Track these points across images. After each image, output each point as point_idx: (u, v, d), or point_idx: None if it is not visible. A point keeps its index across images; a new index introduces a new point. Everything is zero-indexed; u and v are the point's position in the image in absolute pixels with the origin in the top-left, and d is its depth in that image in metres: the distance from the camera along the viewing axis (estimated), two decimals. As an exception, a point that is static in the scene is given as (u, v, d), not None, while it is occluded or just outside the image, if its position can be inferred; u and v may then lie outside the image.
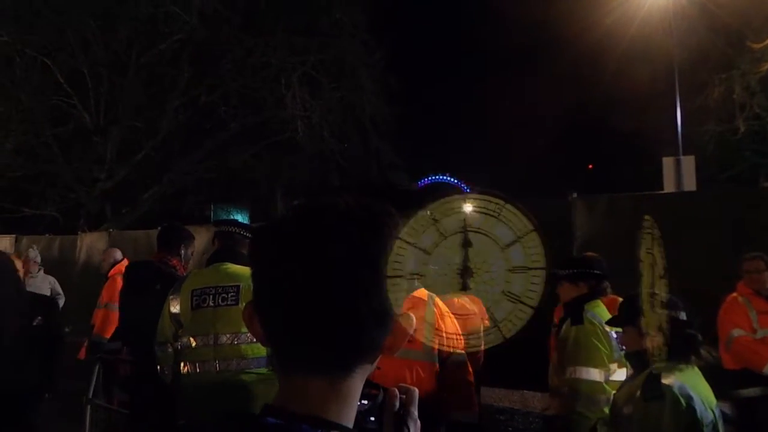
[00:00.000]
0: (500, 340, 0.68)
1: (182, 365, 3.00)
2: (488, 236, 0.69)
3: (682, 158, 10.08)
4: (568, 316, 3.16)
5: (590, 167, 25.65)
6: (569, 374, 2.98)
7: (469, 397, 2.81)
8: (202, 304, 2.98)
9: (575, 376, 2.95)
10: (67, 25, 13.92)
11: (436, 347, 2.64)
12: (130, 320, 4.02)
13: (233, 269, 3.06)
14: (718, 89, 12.86)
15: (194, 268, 3.75)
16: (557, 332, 3.25)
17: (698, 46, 12.49)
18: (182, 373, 3.00)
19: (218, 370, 2.88)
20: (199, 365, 2.93)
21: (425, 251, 0.68)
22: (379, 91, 16.09)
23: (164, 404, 3.19)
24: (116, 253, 6.18)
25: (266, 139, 16.20)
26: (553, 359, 3.26)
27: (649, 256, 2.05)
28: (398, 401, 0.78)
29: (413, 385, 0.81)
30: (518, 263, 0.68)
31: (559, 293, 3.33)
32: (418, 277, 0.67)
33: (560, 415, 3.10)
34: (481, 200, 0.68)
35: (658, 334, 2.00)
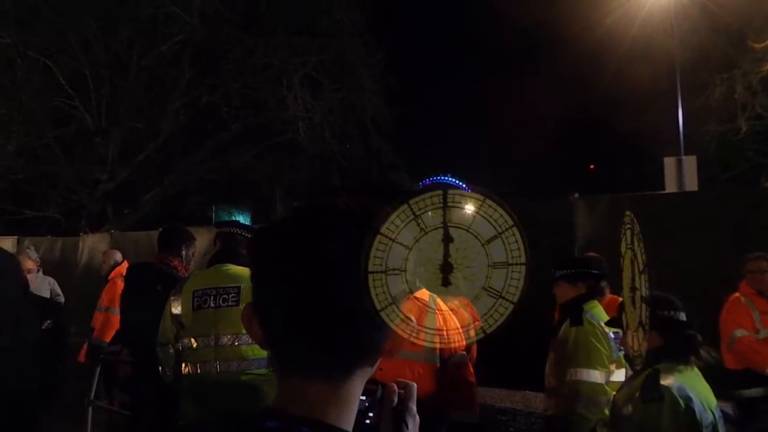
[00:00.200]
0: (481, 335, 0.67)
1: (183, 366, 3.01)
2: (469, 232, 0.68)
3: (683, 158, 10.06)
4: (566, 316, 3.15)
5: (592, 167, 25.64)
6: (570, 376, 2.97)
7: (470, 397, 2.81)
8: (203, 305, 2.99)
9: (576, 377, 2.94)
10: (68, 26, 13.94)
11: (437, 348, 2.64)
12: (131, 321, 4.02)
13: (234, 270, 3.06)
14: (719, 89, 12.84)
15: (195, 269, 3.76)
16: (555, 332, 3.23)
17: (699, 45, 12.48)
18: (183, 374, 3.00)
19: (219, 371, 2.89)
20: (200, 366, 2.93)
21: (405, 246, 0.68)
22: (379, 91, 16.09)
23: (165, 405, 3.19)
24: (116, 255, 6.15)
25: (268, 139, 16.21)
26: (550, 359, 3.24)
27: (629, 251, 2.05)
28: (396, 396, 0.78)
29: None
30: (499, 259, 0.68)
31: (555, 293, 3.30)
32: (399, 272, 0.67)
33: (558, 415, 3.09)
34: (461, 195, 0.68)
35: (639, 329, 2.00)
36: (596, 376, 2.93)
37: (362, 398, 0.75)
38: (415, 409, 0.78)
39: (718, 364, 2.42)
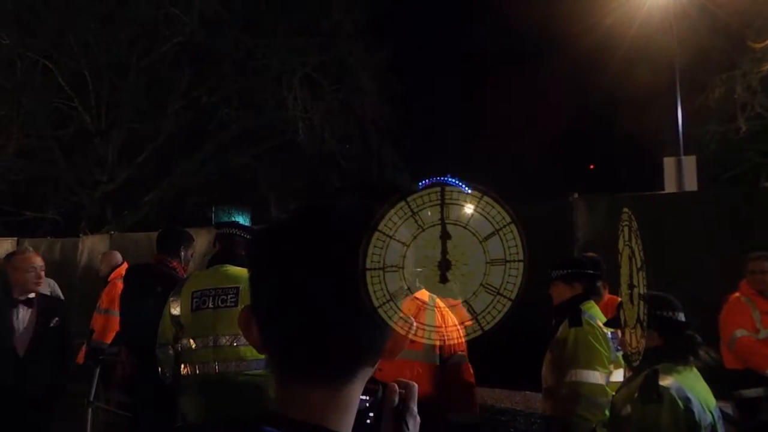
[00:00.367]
0: (479, 332, 0.67)
1: (182, 367, 3.01)
2: (467, 228, 0.68)
3: (683, 158, 10.06)
4: (563, 317, 3.14)
5: (591, 167, 25.64)
6: (570, 377, 2.95)
7: (470, 398, 2.80)
8: (201, 305, 2.99)
9: (576, 379, 2.93)
10: (67, 27, 13.95)
11: (437, 345, 2.64)
12: (130, 322, 4.02)
13: (233, 271, 3.06)
14: (719, 89, 12.85)
15: (195, 270, 3.76)
16: (552, 333, 3.21)
17: (699, 46, 12.48)
18: (182, 374, 3.00)
19: (217, 371, 2.89)
20: (198, 367, 2.93)
21: (403, 243, 0.67)
22: (379, 92, 16.09)
23: (164, 406, 3.19)
24: (116, 256, 6.16)
25: (267, 140, 16.22)
26: (547, 359, 3.22)
27: (627, 248, 2.04)
28: (398, 396, 0.77)
29: None
30: (497, 256, 0.67)
31: (551, 294, 3.29)
32: (396, 269, 0.66)
33: (558, 417, 3.08)
34: (459, 192, 0.68)
35: (637, 326, 1.99)
36: (596, 377, 2.92)
37: (363, 398, 0.74)
38: (416, 409, 0.77)
39: (717, 364, 2.41)
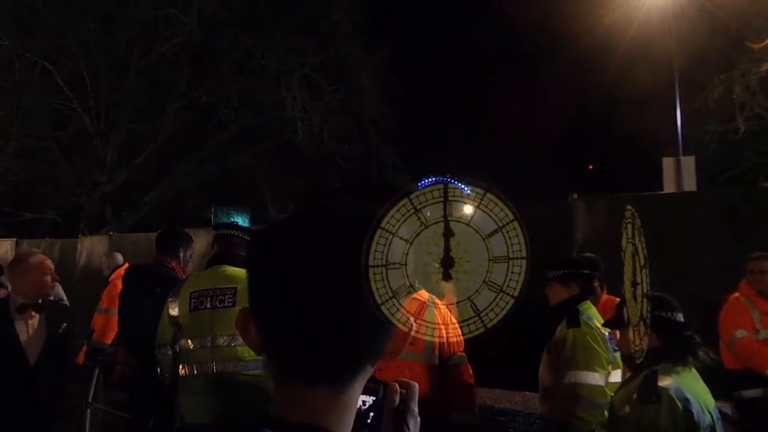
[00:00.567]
0: (482, 329, 0.67)
1: (181, 367, 3.01)
2: (470, 226, 0.68)
3: (682, 158, 10.06)
4: (560, 317, 3.13)
5: (590, 168, 25.64)
6: (569, 379, 2.94)
7: (469, 398, 2.80)
8: (200, 306, 2.99)
9: (575, 380, 2.92)
10: (67, 28, 13.95)
11: (437, 345, 2.64)
12: (129, 323, 4.02)
13: (231, 271, 3.06)
14: (718, 89, 12.86)
15: (194, 270, 3.76)
16: (550, 333, 3.21)
17: (698, 46, 12.49)
18: (180, 375, 3.00)
19: (215, 371, 2.89)
20: (196, 367, 2.93)
21: (406, 240, 0.67)
22: (379, 92, 16.10)
23: (163, 407, 3.19)
24: (118, 257, 6.26)
25: (266, 141, 16.22)
26: (544, 360, 3.21)
27: (630, 246, 2.04)
28: (398, 396, 0.76)
29: None
30: (500, 253, 0.67)
31: (547, 295, 3.27)
32: (399, 266, 0.66)
33: (556, 418, 3.08)
34: (462, 190, 0.68)
35: (640, 324, 1.99)
36: (595, 378, 2.92)
37: (363, 398, 0.74)
38: (416, 409, 0.76)
39: (716, 365, 2.41)
